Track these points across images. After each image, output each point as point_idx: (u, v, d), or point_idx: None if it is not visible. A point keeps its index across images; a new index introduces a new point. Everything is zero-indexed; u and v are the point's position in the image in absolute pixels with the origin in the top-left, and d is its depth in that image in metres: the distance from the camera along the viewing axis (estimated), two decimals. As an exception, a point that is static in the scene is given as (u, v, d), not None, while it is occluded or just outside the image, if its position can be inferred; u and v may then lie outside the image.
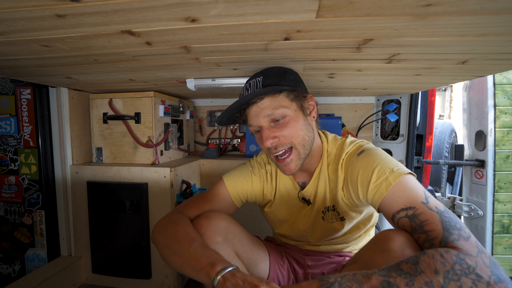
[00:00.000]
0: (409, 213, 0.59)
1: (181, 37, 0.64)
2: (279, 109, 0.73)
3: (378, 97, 1.72)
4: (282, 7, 0.49)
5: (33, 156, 1.33)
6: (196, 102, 1.87)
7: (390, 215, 0.63)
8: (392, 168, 0.65)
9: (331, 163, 0.81)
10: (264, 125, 0.75)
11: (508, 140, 1.60)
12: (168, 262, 0.70)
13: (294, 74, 0.82)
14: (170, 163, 1.40)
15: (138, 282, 1.30)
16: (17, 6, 0.48)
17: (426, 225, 0.56)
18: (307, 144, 0.77)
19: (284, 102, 0.74)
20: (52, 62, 0.86)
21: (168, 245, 0.70)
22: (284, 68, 0.82)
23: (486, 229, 1.63)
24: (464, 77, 1.12)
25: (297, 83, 0.79)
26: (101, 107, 1.37)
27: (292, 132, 0.74)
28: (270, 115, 0.74)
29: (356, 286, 0.46)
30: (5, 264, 1.41)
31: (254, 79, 0.79)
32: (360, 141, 0.80)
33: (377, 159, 0.69)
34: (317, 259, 0.90)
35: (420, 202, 0.59)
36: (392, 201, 0.62)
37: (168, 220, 0.78)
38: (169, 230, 0.73)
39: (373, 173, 0.66)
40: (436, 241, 0.54)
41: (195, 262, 0.61)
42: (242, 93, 0.81)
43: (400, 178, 0.63)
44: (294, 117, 0.75)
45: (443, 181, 2.36)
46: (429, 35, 0.61)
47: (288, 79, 0.78)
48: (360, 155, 0.73)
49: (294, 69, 0.88)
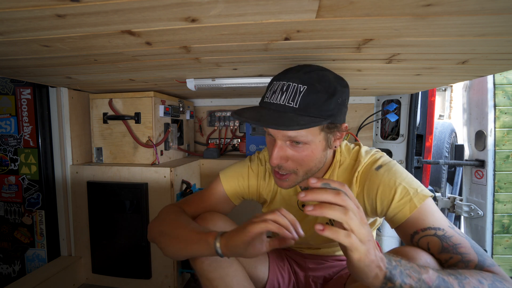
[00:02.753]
0: (439, 233, 0.58)
1: (181, 37, 0.64)
2: (304, 136, 0.63)
3: (378, 97, 1.72)
4: (282, 7, 0.49)
5: (33, 156, 1.33)
6: (196, 102, 1.87)
7: (411, 232, 0.61)
8: (416, 189, 0.63)
9: (343, 173, 0.76)
10: (279, 142, 0.65)
11: (508, 140, 1.60)
12: (168, 248, 0.70)
13: (344, 94, 0.65)
14: (170, 163, 1.40)
15: (138, 282, 1.30)
16: (17, 6, 0.48)
17: (460, 248, 0.56)
18: (310, 173, 0.70)
19: (313, 131, 0.63)
20: (52, 62, 0.86)
21: (167, 232, 0.71)
22: (336, 84, 0.64)
23: (486, 229, 1.63)
24: (464, 77, 1.12)
25: (341, 109, 0.65)
26: (101, 107, 1.37)
27: (303, 161, 0.66)
28: (292, 137, 0.63)
29: (415, 276, 0.47)
30: (5, 264, 1.41)
31: (297, 83, 0.61)
32: (375, 151, 0.76)
33: (398, 176, 0.66)
34: (318, 262, 0.89)
35: (447, 226, 0.59)
36: (417, 220, 0.61)
37: (163, 213, 0.79)
38: (167, 219, 0.74)
39: (396, 192, 0.64)
40: (472, 264, 0.54)
41: (194, 235, 0.63)
42: (275, 87, 0.64)
43: (425, 200, 0.62)
44: (314, 147, 0.65)
45: (443, 181, 2.35)
46: (429, 35, 0.61)
47: (335, 103, 0.62)
48: (380, 170, 0.69)
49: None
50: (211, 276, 0.71)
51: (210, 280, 0.72)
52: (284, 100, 0.61)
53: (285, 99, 0.61)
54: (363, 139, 1.76)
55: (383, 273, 0.47)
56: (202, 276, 0.73)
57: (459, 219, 2.15)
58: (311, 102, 0.60)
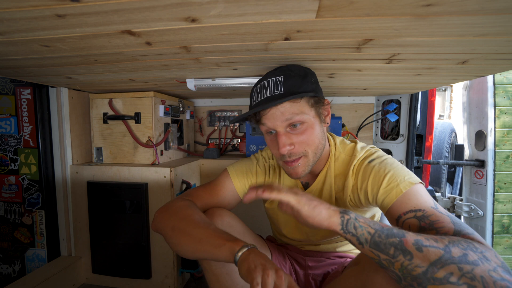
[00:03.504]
0: (418, 214, 0.60)
1: (181, 37, 0.64)
2: (299, 114, 0.70)
3: (378, 97, 1.72)
4: (282, 7, 0.49)
5: (33, 156, 1.33)
6: (196, 102, 1.87)
7: (396, 216, 0.63)
8: (403, 176, 0.66)
9: (339, 167, 0.81)
10: (280, 130, 0.71)
11: (508, 140, 1.60)
12: (180, 246, 0.67)
13: (314, 76, 0.78)
14: (170, 163, 1.40)
15: (138, 282, 1.30)
16: (17, 6, 0.48)
17: (437, 223, 0.57)
18: (318, 152, 0.76)
19: (304, 108, 0.71)
20: (52, 62, 0.86)
21: (179, 227, 0.68)
22: (305, 69, 0.77)
23: (486, 229, 1.63)
24: (464, 77, 1.12)
25: (317, 87, 0.76)
26: (101, 107, 1.37)
27: (308, 140, 0.72)
28: (289, 119, 0.70)
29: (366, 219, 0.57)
30: (5, 264, 1.41)
31: (274, 77, 0.72)
32: (371, 147, 0.80)
33: (388, 166, 0.69)
34: (318, 260, 0.90)
35: (429, 207, 0.61)
36: (401, 203, 0.63)
37: (175, 205, 0.75)
38: (180, 213, 0.71)
39: (384, 179, 0.67)
40: (448, 234, 0.54)
41: (215, 239, 0.62)
42: (257, 89, 0.75)
43: (411, 187, 0.64)
44: (311, 124, 0.73)
45: (443, 181, 2.36)
46: (429, 35, 0.61)
47: (309, 81, 0.74)
48: (372, 162, 0.73)
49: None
50: (217, 271, 0.72)
51: (216, 275, 0.72)
52: (270, 92, 0.72)
53: (270, 91, 0.72)
54: (363, 139, 1.76)
55: (338, 213, 0.57)
56: (208, 271, 0.73)
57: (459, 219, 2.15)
58: (291, 85, 0.71)
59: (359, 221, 0.55)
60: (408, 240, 0.49)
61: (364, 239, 0.53)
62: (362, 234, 0.54)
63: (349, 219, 0.55)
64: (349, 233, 0.55)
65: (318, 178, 0.83)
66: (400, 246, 0.49)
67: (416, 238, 0.49)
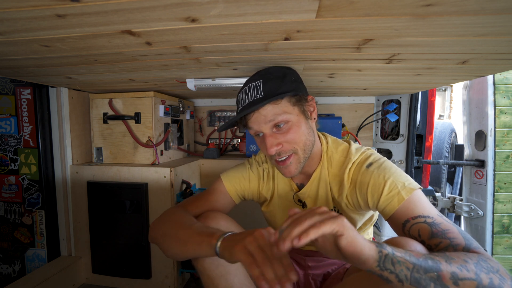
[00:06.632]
0: (429, 221, 0.61)
1: (181, 37, 0.64)
2: (281, 115, 0.72)
3: (378, 97, 1.72)
4: (282, 7, 0.49)
5: (33, 156, 1.33)
6: (196, 102, 1.87)
7: (403, 221, 0.64)
8: (403, 182, 0.67)
9: (333, 168, 0.81)
10: (266, 131, 0.73)
11: (508, 140, 1.60)
12: (170, 250, 0.71)
13: (294, 74, 0.80)
14: (170, 163, 1.40)
15: (138, 282, 1.30)
16: (17, 6, 0.48)
17: (448, 233, 0.59)
18: (308, 148, 0.76)
19: (286, 108, 0.72)
20: (52, 62, 0.86)
21: (169, 233, 0.71)
22: (283, 69, 0.79)
23: (486, 229, 1.63)
24: (464, 77, 1.12)
25: (298, 85, 0.77)
26: (101, 107, 1.37)
27: (295, 138, 0.73)
28: (272, 120, 0.72)
29: (403, 251, 0.51)
30: (5, 264, 1.41)
31: (253, 82, 0.75)
32: (366, 149, 0.80)
33: (387, 171, 0.70)
34: (317, 260, 0.90)
35: (436, 214, 0.63)
36: (406, 209, 0.64)
37: (165, 214, 0.79)
38: (171, 221, 0.74)
39: (384, 186, 0.67)
40: (459, 247, 0.57)
41: (196, 237, 0.64)
42: (240, 95, 0.79)
43: (412, 193, 0.65)
44: (296, 122, 0.74)
45: (443, 181, 2.35)
46: (429, 35, 0.61)
47: (289, 81, 0.75)
48: (370, 167, 0.73)
49: (294, 69, 0.88)
50: (212, 274, 0.72)
51: (211, 278, 0.72)
52: (251, 97, 0.74)
53: (251, 96, 0.74)
54: (363, 139, 1.76)
55: (375, 247, 0.49)
56: (203, 274, 0.73)
57: (459, 219, 2.15)
58: (270, 87, 0.73)
59: (397, 255, 0.49)
60: (445, 274, 0.49)
61: (404, 275, 0.48)
62: (401, 271, 0.48)
63: (387, 255, 0.49)
64: (386, 270, 0.48)
65: (312, 178, 0.82)
66: (439, 282, 0.49)
67: (451, 270, 0.49)
